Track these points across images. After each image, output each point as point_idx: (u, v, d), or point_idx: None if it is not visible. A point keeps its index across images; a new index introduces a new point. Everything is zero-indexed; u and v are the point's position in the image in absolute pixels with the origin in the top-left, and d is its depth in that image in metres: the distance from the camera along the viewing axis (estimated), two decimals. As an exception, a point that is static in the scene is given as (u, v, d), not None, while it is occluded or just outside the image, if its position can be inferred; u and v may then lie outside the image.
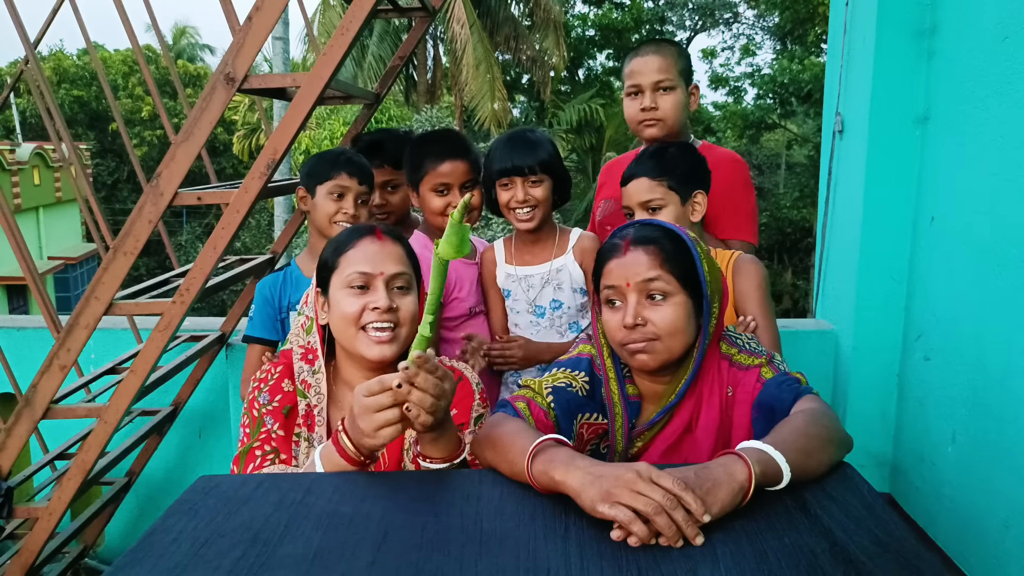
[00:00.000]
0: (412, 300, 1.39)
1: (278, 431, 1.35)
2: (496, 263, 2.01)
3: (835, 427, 1.17)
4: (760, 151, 18.57)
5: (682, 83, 2.03)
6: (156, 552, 0.95)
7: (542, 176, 1.85)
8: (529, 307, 1.96)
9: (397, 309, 1.36)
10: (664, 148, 1.79)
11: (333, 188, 1.99)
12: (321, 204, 2.00)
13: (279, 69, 10.15)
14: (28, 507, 1.99)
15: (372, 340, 1.34)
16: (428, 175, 1.91)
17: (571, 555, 0.92)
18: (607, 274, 1.31)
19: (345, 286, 1.36)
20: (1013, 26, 2.14)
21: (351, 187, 1.98)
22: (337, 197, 1.99)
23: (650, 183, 1.74)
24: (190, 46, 28.19)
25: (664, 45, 2.07)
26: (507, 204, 1.87)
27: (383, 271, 1.36)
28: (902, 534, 0.97)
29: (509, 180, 1.85)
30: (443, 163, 1.90)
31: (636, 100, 2.04)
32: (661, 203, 1.73)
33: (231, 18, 1.83)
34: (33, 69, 2.33)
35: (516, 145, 1.86)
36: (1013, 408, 2.10)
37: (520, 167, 1.83)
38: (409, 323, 1.38)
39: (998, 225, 2.20)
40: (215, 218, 18.48)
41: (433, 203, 1.92)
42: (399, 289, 1.38)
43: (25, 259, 2.01)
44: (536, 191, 1.85)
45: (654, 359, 1.27)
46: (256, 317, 2.07)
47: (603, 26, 19.75)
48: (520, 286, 1.97)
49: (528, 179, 1.85)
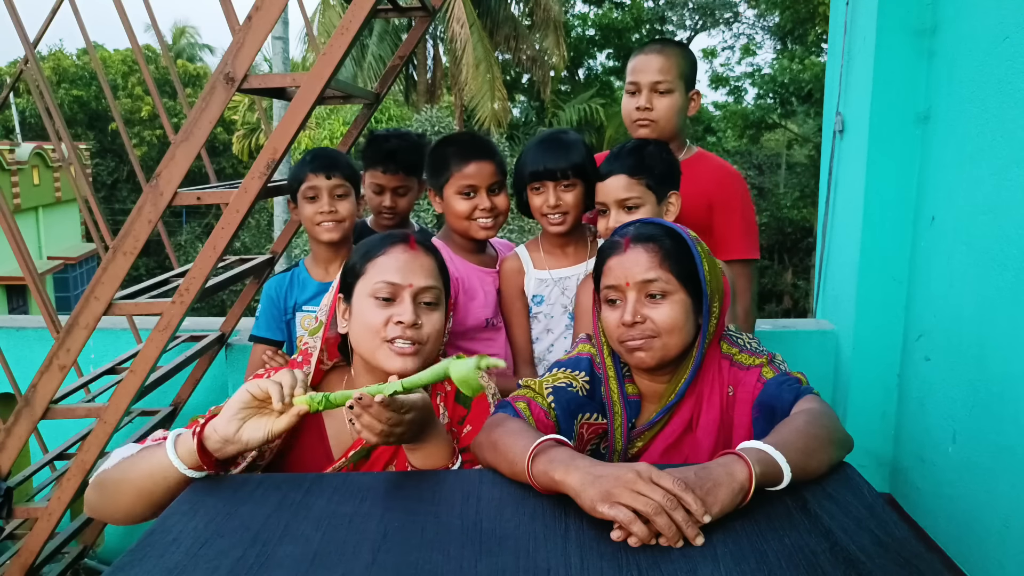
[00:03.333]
0: (439, 317, 1.33)
1: None
2: (523, 272, 1.92)
3: (835, 427, 1.17)
4: (760, 151, 18.56)
5: (682, 87, 2.01)
6: (156, 552, 0.95)
7: (574, 180, 1.80)
8: (565, 309, 1.91)
9: (421, 326, 1.29)
10: (642, 146, 1.76)
11: (306, 191, 1.99)
12: (301, 209, 2.01)
13: (279, 69, 10.15)
14: (28, 507, 1.99)
15: (394, 352, 1.27)
16: (453, 177, 1.83)
17: (571, 555, 0.92)
18: (607, 272, 1.31)
19: (370, 295, 1.29)
20: (1013, 26, 2.14)
21: (320, 185, 1.98)
22: (311, 199, 1.99)
23: (628, 181, 1.71)
24: (190, 46, 28.17)
25: (669, 47, 2.04)
26: (539, 209, 1.83)
27: (412, 283, 1.29)
28: (902, 534, 0.97)
29: (541, 184, 1.81)
30: (468, 164, 1.82)
31: (634, 98, 2.03)
32: (639, 202, 1.71)
33: (231, 18, 1.83)
34: (33, 69, 2.32)
35: (549, 148, 1.81)
36: (1013, 408, 2.10)
37: (552, 171, 1.79)
38: (433, 341, 1.32)
39: (998, 225, 2.19)
40: (215, 218, 18.47)
41: (459, 206, 1.84)
42: (426, 304, 1.31)
43: (25, 259, 2.01)
44: (568, 196, 1.80)
45: (651, 356, 1.27)
46: (262, 317, 2.08)
47: (603, 26, 19.76)
48: (556, 289, 1.90)
49: (560, 183, 1.80)
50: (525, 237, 11.56)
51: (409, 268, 1.30)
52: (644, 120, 2.00)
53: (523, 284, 1.93)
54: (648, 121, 2.00)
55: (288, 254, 11.30)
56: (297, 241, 12.62)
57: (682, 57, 2.02)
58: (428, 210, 11.75)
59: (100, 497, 1.20)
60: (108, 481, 1.19)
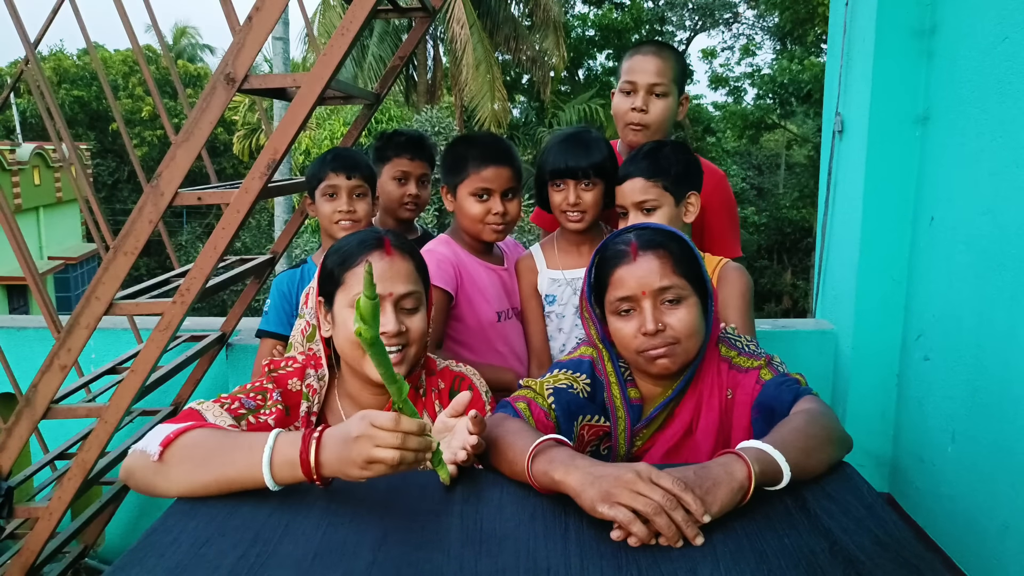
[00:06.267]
0: (421, 317, 1.34)
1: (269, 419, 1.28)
2: (536, 271, 1.95)
3: (835, 427, 1.18)
4: (760, 151, 18.58)
5: (675, 91, 2.02)
6: (156, 552, 0.95)
7: (595, 180, 1.82)
8: (577, 311, 1.91)
9: (407, 331, 1.31)
10: (659, 147, 1.78)
11: (325, 189, 2.02)
12: (320, 207, 2.04)
13: (279, 69, 10.15)
14: (28, 507, 1.99)
15: None
16: (470, 178, 1.83)
17: (571, 555, 0.92)
18: (618, 283, 1.28)
19: (351, 306, 1.27)
20: (1013, 26, 2.14)
21: (341, 184, 2.00)
22: (331, 197, 2.02)
23: (645, 183, 1.73)
24: (190, 46, 28.18)
25: (666, 49, 2.05)
26: (559, 206, 1.85)
27: (392, 291, 1.30)
28: (902, 534, 0.97)
29: (562, 181, 1.83)
30: (487, 167, 1.82)
31: (628, 98, 2.03)
32: (656, 204, 1.73)
33: (231, 18, 1.83)
34: (33, 69, 2.32)
35: (571, 146, 1.83)
36: (1013, 408, 2.10)
37: (574, 169, 1.80)
38: (418, 341, 1.34)
39: (998, 225, 2.20)
40: (215, 218, 18.47)
41: (472, 208, 1.84)
42: (407, 311, 1.32)
43: (25, 259, 2.01)
44: (587, 195, 1.82)
45: (674, 362, 1.26)
46: (271, 312, 2.10)
47: (603, 26, 19.75)
48: (568, 289, 1.92)
49: (581, 182, 1.82)
50: (525, 236, 11.55)
51: (387, 276, 1.29)
52: (637, 125, 2.01)
53: (536, 283, 1.95)
54: (640, 126, 2.01)
55: (288, 254, 11.30)
56: (297, 241, 12.61)
57: (676, 61, 2.04)
58: (428, 210, 11.75)
59: (158, 475, 1.12)
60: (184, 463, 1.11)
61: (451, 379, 1.44)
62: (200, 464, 1.10)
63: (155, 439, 1.12)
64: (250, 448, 1.08)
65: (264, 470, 1.06)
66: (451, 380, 1.44)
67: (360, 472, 1.02)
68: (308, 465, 1.04)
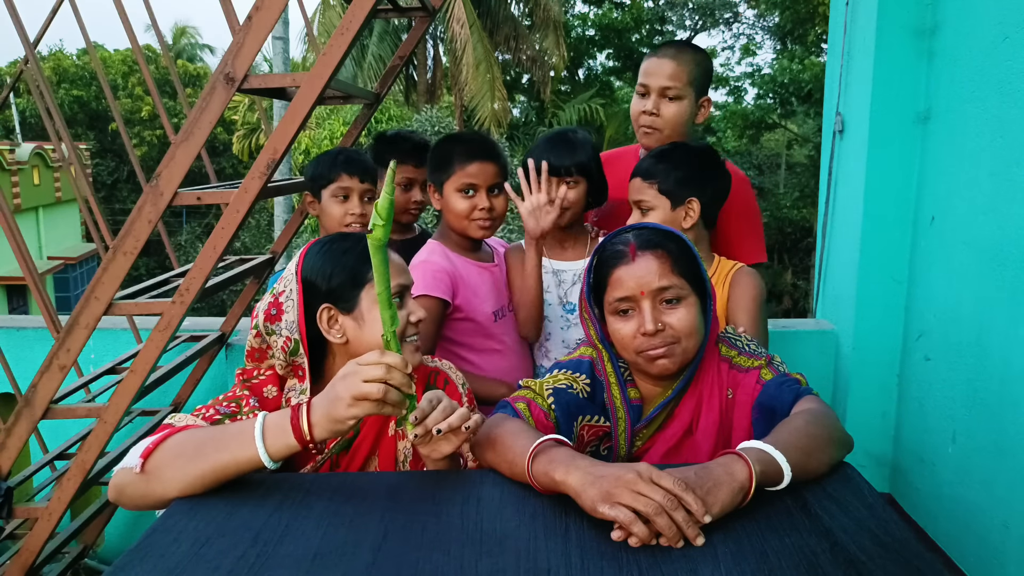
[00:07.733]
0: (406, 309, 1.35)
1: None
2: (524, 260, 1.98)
3: (835, 427, 1.18)
4: (760, 151, 18.57)
5: (691, 94, 1.99)
6: (156, 552, 0.95)
7: (577, 178, 1.87)
8: (560, 302, 1.96)
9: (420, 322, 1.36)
10: (670, 150, 1.80)
11: (336, 191, 2.00)
12: (328, 208, 2.01)
13: (279, 69, 10.15)
14: (28, 507, 1.99)
15: None
16: (455, 175, 1.86)
17: (571, 555, 0.92)
18: (616, 284, 1.28)
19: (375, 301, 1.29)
20: (1013, 26, 2.14)
21: (353, 187, 1.99)
22: (342, 199, 2.00)
23: (640, 184, 1.77)
24: (190, 46, 28.18)
25: (684, 52, 2.02)
26: None
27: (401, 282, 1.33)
28: (902, 534, 0.97)
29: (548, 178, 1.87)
30: (472, 163, 1.85)
31: (642, 100, 2.02)
32: (649, 205, 1.76)
33: (231, 18, 1.83)
34: (33, 69, 2.32)
35: (555, 145, 1.87)
36: (1013, 408, 2.10)
37: (556, 167, 1.85)
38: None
39: (998, 225, 2.19)
40: (215, 218, 18.47)
41: (458, 204, 1.86)
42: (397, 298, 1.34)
43: (25, 259, 2.01)
44: (570, 193, 1.86)
45: (674, 362, 1.26)
46: None
47: (603, 26, 19.75)
48: (552, 280, 1.96)
49: (564, 180, 1.86)
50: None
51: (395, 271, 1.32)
52: (649, 127, 2.01)
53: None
54: (652, 129, 2.01)
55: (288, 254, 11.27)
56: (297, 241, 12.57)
57: (695, 63, 2.00)
58: (428, 209, 11.75)
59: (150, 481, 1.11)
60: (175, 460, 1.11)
61: (426, 374, 1.44)
62: (192, 458, 1.10)
63: (135, 453, 1.13)
64: (240, 431, 1.11)
65: (258, 443, 1.08)
66: (426, 375, 1.43)
67: (348, 411, 1.05)
68: (300, 430, 1.07)
